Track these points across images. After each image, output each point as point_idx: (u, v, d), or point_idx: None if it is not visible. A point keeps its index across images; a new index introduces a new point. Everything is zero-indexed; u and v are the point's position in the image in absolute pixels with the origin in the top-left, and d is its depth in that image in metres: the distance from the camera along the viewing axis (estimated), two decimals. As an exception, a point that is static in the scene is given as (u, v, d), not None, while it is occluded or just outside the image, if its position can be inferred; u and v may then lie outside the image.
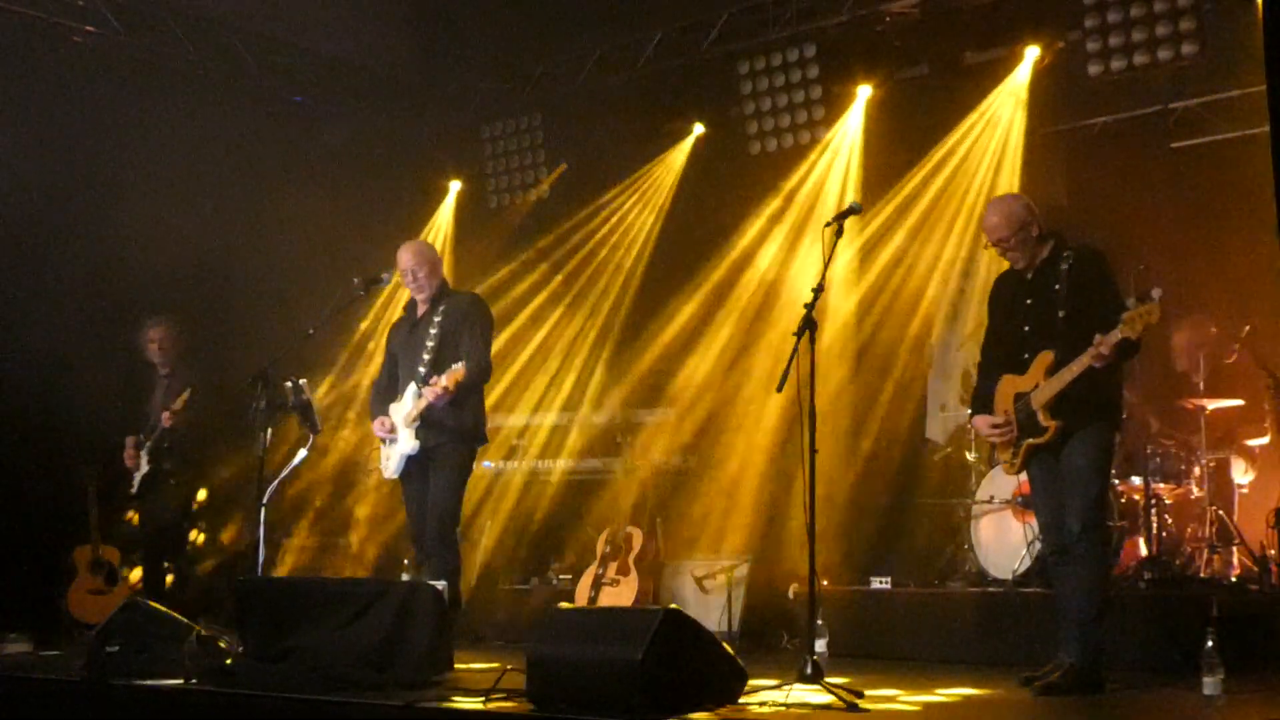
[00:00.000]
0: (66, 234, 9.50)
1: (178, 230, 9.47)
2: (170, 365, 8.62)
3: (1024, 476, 6.44)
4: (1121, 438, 7.72)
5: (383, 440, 7.14)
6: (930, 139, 9.37)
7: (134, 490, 8.56)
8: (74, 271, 9.45)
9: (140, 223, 9.32)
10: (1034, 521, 6.86)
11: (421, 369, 7.00)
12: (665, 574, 8.85)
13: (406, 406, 6.99)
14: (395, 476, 7.11)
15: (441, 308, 7.11)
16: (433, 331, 7.04)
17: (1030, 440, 5.87)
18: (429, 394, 6.81)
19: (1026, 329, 5.98)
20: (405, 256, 7.16)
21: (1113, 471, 7.60)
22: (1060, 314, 5.82)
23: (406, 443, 6.97)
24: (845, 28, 9.14)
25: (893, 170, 9.53)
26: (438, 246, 10.07)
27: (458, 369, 6.73)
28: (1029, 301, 6.01)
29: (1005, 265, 6.20)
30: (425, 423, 6.93)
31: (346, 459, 10.18)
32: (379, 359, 7.75)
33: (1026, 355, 5.93)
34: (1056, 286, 5.87)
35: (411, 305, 7.32)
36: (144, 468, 8.49)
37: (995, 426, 6.03)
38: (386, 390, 7.23)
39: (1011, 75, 8.96)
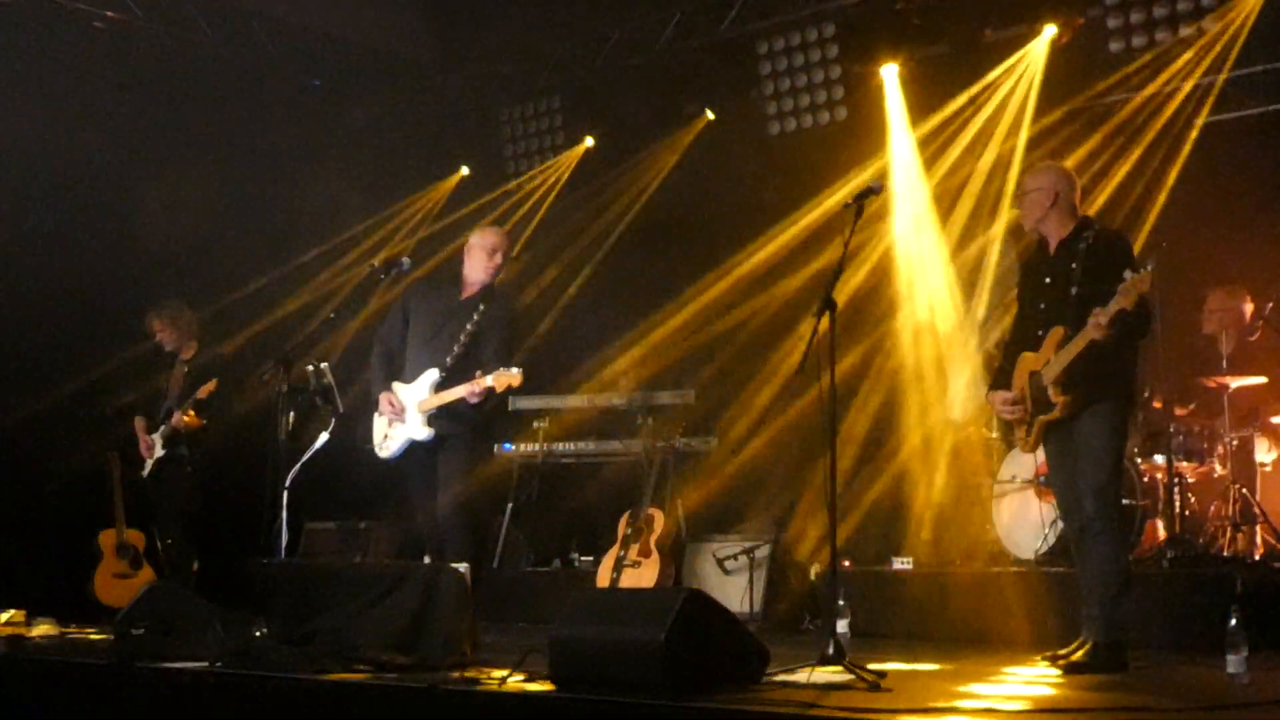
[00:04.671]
0: (87, 217, 9.55)
1: (196, 213, 9.50)
2: (184, 349, 8.64)
3: (1043, 455, 6.43)
4: (1143, 416, 7.72)
5: (380, 415, 6.83)
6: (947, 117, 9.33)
7: (145, 473, 8.61)
8: (94, 254, 9.50)
9: (159, 206, 9.36)
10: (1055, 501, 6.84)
11: (448, 359, 6.73)
12: (687, 555, 8.84)
13: (422, 394, 6.74)
14: (392, 458, 6.85)
15: (483, 307, 6.81)
16: (468, 328, 6.75)
17: (1042, 417, 5.88)
18: (470, 390, 6.53)
19: (1042, 306, 6.02)
20: (497, 239, 6.91)
21: (1134, 450, 7.62)
22: (1074, 290, 5.82)
23: (418, 429, 6.74)
24: (865, 6, 9.10)
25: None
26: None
27: (514, 375, 6.46)
28: (1047, 280, 6.04)
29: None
30: (444, 413, 6.70)
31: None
32: None
33: (1041, 332, 5.94)
34: (1074, 264, 5.89)
35: (446, 278, 7.02)
36: (158, 451, 8.52)
37: (1010, 403, 6.05)
38: (397, 357, 6.92)
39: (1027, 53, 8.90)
